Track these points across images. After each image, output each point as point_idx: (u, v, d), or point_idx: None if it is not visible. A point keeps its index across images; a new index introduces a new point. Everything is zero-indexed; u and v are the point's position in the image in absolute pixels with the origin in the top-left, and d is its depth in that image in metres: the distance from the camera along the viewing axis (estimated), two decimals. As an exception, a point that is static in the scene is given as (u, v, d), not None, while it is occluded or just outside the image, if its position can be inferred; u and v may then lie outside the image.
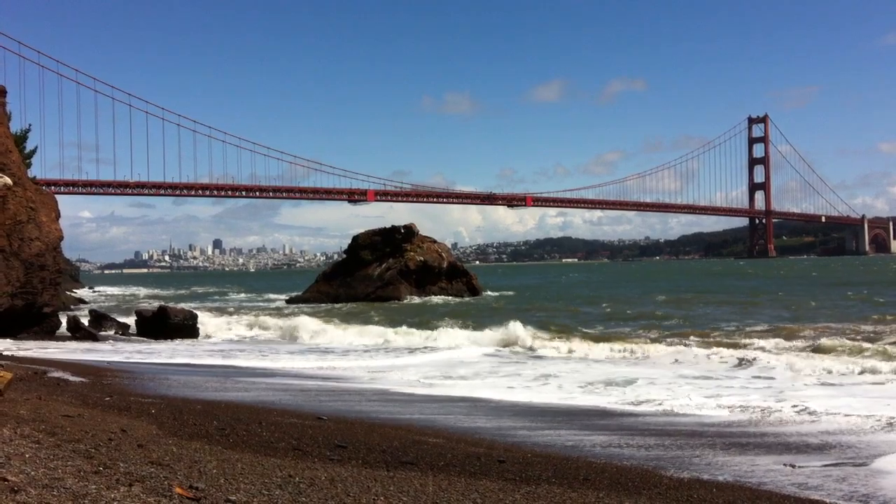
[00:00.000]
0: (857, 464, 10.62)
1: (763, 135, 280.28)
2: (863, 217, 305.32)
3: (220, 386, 18.60)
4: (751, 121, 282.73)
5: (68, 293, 69.71)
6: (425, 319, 41.67)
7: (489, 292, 70.40)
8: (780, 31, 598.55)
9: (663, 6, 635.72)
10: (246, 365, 24.97)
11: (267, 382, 19.84)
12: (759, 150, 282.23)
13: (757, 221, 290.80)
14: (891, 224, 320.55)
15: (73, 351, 28.79)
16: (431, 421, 13.80)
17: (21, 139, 48.95)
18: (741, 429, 13.62)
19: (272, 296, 79.14)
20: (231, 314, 51.54)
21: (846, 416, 14.29)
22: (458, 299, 61.92)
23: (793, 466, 10.30)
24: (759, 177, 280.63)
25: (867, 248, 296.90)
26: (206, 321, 41.56)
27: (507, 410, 15.72)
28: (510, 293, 72.57)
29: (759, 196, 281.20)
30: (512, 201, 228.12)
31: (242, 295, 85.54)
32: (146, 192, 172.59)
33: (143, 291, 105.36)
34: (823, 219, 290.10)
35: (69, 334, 36.18)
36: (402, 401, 16.74)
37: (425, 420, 13.92)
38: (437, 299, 61.16)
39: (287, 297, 72.48)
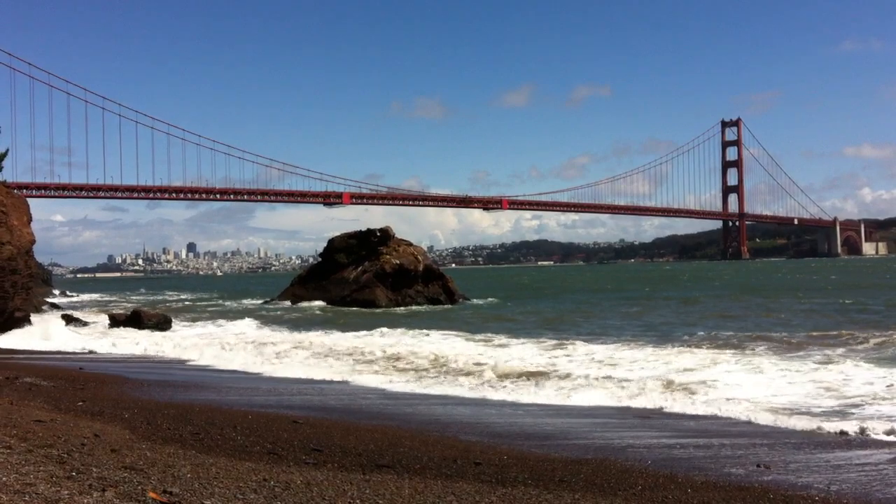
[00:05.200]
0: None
1: (735, 138, 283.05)
2: (835, 219, 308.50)
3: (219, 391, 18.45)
4: (724, 124, 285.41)
5: (40, 298, 68.99)
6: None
7: (477, 300, 68.82)
8: (741, 38, 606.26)
9: (626, 15, 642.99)
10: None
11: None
12: (731, 154, 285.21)
13: (730, 224, 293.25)
14: (862, 226, 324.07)
15: (45, 355, 28.43)
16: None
17: (-8, 142, 48.39)
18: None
19: (247, 301, 78.58)
20: (212, 319, 51.37)
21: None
22: (439, 307, 60.68)
23: (767, 467, 10.37)
24: (731, 179, 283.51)
25: (839, 250, 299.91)
26: (184, 328, 41.28)
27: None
28: (493, 300, 71.45)
29: (732, 199, 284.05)
30: (488, 204, 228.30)
31: (220, 301, 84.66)
32: (119, 195, 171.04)
33: (116, 298, 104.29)
34: (796, 221, 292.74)
35: (41, 339, 35.71)
36: None
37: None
38: (421, 309, 59.35)
39: (262, 301, 72.32)
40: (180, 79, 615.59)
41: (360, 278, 63.95)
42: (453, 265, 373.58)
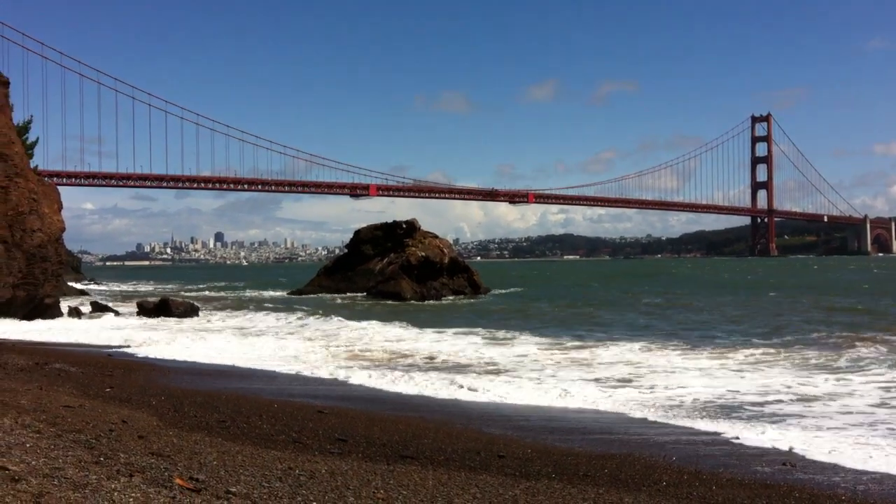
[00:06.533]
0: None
1: (765, 134, 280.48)
2: (865, 217, 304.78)
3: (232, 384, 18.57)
4: (754, 119, 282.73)
5: (70, 285, 69.75)
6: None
7: (500, 292, 69.52)
8: (768, 34, 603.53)
9: (652, 10, 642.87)
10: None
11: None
12: (760, 149, 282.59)
13: (759, 220, 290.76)
14: (892, 224, 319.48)
15: (75, 343, 28.71)
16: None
17: (23, 130, 49.04)
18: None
19: (273, 291, 78.85)
20: (237, 309, 51.75)
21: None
22: (463, 299, 60.67)
23: (793, 465, 10.29)
24: (760, 175, 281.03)
25: (870, 248, 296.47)
26: (213, 315, 41.45)
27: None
28: (518, 289, 71.91)
29: (761, 195, 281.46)
30: (514, 198, 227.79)
31: (246, 291, 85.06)
32: (148, 184, 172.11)
33: (144, 285, 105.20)
34: (825, 218, 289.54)
35: (70, 326, 36.09)
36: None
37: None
38: (444, 303, 59.28)
39: (288, 292, 72.65)
40: (210, 70, 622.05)
41: (385, 270, 64.07)
42: (479, 258, 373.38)
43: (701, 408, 15.27)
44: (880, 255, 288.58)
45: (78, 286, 77.83)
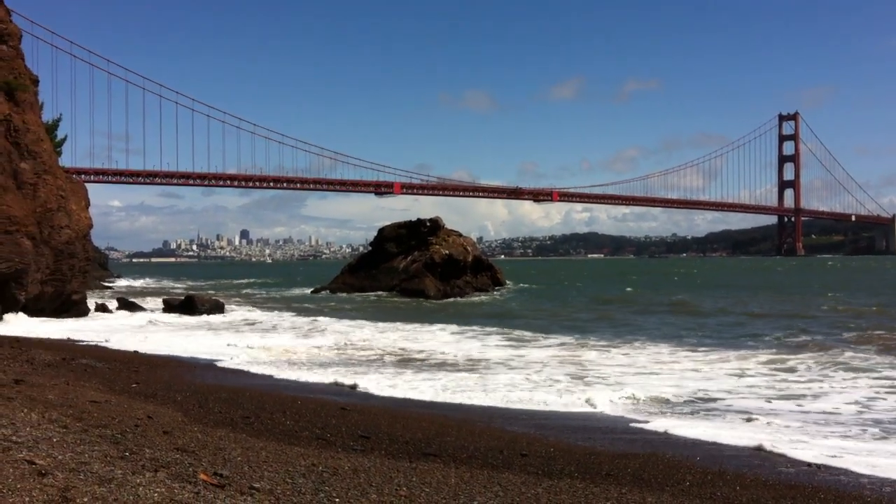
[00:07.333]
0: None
1: (792, 132, 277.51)
2: (893, 217, 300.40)
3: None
4: (781, 118, 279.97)
5: (97, 282, 70.40)
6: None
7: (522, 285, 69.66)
8: (792, 33, 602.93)
9: (675, 10, 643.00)
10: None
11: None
12: (787, 148, 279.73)
13: (786, 219, 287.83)
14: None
15: (100, 339, 28.96)
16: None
17: (52, 128, 49.44)
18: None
19: (297, 289, 79.18)
20: (260, 306, 51.99)
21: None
22: (491, 297, 60.80)
23: (818, 467, 10.20)
24: (787, 174, 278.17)
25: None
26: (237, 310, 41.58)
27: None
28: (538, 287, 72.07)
29: (788, 194, 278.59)
30: (538, 196, 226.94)
31: (272, 288, 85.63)
32: (175, 181, 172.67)
33: (172, 285, 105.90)
34: (853, 218, 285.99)
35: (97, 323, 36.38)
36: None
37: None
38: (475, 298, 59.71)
39: (311, 290, 72.88)
40: (236, 69, 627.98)
41: (409, 268, 64.10)
42: (502, 256, 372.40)
43: (721, 409, 15.18)
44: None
45: (105, 283, 78.53)
